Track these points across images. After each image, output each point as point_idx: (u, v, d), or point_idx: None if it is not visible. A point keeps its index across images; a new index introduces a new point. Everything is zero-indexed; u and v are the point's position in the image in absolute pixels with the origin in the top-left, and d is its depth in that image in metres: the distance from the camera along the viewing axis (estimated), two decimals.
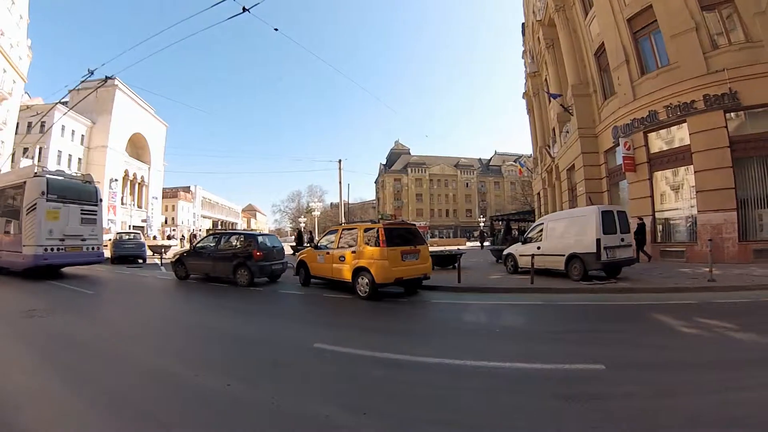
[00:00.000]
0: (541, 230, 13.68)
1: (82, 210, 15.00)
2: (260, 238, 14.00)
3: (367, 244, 10.03)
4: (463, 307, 9.22)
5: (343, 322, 8.12)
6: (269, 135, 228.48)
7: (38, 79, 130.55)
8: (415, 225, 12.16)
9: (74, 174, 18.34)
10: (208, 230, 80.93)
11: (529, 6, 32.47)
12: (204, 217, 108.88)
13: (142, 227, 59.27)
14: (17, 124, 47.13)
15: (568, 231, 12.59)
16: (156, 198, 75.93)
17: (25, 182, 14.23)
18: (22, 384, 4.45)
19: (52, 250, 13.85)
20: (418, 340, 6.48)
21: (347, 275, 10.33)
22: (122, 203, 65.54)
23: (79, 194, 15.18)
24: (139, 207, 72.29)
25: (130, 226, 61.58)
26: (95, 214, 15.66)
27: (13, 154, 45.95)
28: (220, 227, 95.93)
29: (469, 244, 49.94)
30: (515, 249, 14.77)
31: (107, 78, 15.34)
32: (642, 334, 6.35)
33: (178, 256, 15.03)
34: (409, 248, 10.19)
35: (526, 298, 9.94)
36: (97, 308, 9.67)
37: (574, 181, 22.88)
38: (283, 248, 14.82)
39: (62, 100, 55.29)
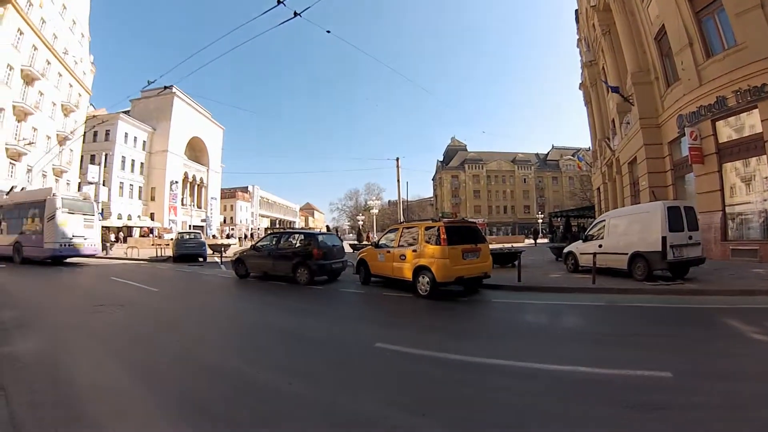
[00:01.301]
0: (603, 227, 13.24)
1: (84, 218, 20.70)
2: (320, 237, 14.16)
3: (428, 242, 10.05)
4: (524, 307, 9.10)
5: (404, 321, 8.14)
6: (326, 134, 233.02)
7: (101, 92, 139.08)
8: (475, 223, 12.04)
9: (77, 195, 24.62)
10: (266, 229, 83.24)
11: None
12: (262, 216, 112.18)
13: (202, 227, 61.81)
14: (84, 133, 50.33)
15: (631, 228, 12.08)
16: (214, 198, 79.04)
17: (45, 199, 19.66)
18: (94, 379, 4.70)
19: (63, 246, 19.51)
20: (479, 341, 6.41)
21: (408, 274, 10.38)
22: (182, 204, 68.58)
23: (81, 208, 20.90)
24: (199, 207, 75.54)
25: (190, 225, 64.46)
26: (93, 221, 21.35)
27: (82, 160, 49.10)
28: (278, 226, 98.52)
29: (527, 241, 48.63)
30: (576, 247, 14.38)
31: (166, 87, 16.34)
32: (711, 341, 6.01)
33: (238, 255, 15.44)
34: (470, 246, 10.16)
35: (587, 298, 9.66)
36: (162, 306, 10.07)
37: (636, 175, 21.77)
38: (342, 247, 14.95)
39: (124, 110, 58.85)
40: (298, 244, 13.90)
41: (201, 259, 23.37)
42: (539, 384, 4.36)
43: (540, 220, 68.27)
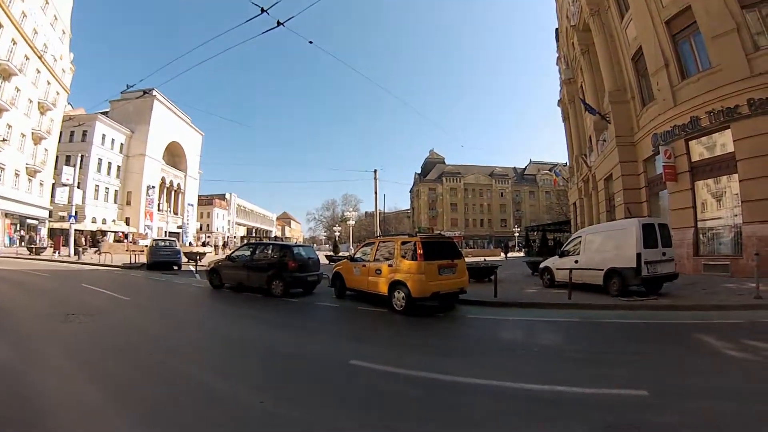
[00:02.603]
0: (579, 243, 13.46)
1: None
2: (295, 249, 13.96)
3: (404, 257, 10.01)
4: (500, 323, 9.14)
5: (380, 337, 8.08)
6: (304, 144, 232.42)
7: (80, 91, 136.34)
8: (452, 238, 12.10)
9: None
10: (242, 237, 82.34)
11: (563, 11, 31.95)
12: (239, 224, 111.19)
13: (178, 233, 60.88)
14: (60, 133, 49.50)
15: (606, 244, 12.33)
16: (191, 205, 78.16)
17: None
18: (59, 390, 4.62)
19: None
20: (456, 359, 6.40)
21: (383, 288, 10.32)
22: (159, 209, 67.53)
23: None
24: (175, 213, 74.50)
25: (166, 232, 63.50)
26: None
27: (57, 161, 48.06)
28: (254, 235, 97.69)
29: (512, 255, 48.73)
30: (552, 262, 14.56)
31: (145, 92, 15.94)
32: (686, 357, 6.13)
33: (213, 265, 15.21)
34: (446, 262, 10.10)
35: (563, 314, 9.75)
36: (134, 316, 9.78)
37: (612, 191, 22.28)
38: (318, 259, 14.75)
39: (103, 111, 57.82)
40: (273, 256, 13.68)
41: (175, 267, 22.82)
42: (517, 404, 4.36)
43: (516, 234, 69.05)
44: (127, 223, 60.58)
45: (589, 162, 26.62)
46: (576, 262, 12.81)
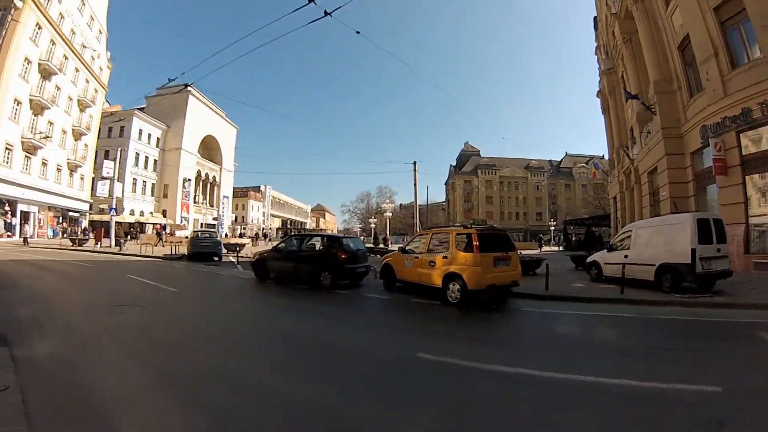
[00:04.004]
0: (629, 237, 13.05)
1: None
2: (344, 240, 13.88)
3: (459, 249, 9.87)
4: (556, 317, 8.92)
5: (440, 330, 7.89)
6: (339, 136, 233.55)
7: (116, 88, 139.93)
8: (505, 231, 11.90)
9: None
10: (277, 229, 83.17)
11: None
12: (273, 216, 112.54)
13: (214, 225, 61.92)
14: (99, 129, 51.03)
15: (659, 239, 11.89)
16: (227, 197, 79.49)
17: None
18: (115, 382, 4.61)
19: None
20: (521, 352, 6.30)
21: (437, 281, 10.19)
22: (195, 202, 68.88)
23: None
24: (211, 206, 75.87)
25: (202, 224, 64.76)
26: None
27: (96, 156, 49.58)
28: (289, 226, 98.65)
29: (545, 249, 47.87)
30: (600, 256, 14.24)
31: (187, 85, 16.05)
32: (754, 356, 5.89)
33: (258, 256, 15.15)
34: (501, 254, 9.98)
35: (617, 309, 9.49)
36: (183, 308, 9.91)
37: (657, 185, 21.49)
38: (366, 251, 14.66)
39: (139, 107, 59.27)
40: (321, 247, 13.68)
41: (216, 259, 22.87)
42: (591, 398, 4.25)
43: (552, 228, 67.79)
44: (164, 215, 61.98)
45: (632, 155, 25.74)
46: (626, 256, 12.41)
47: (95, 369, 5.01)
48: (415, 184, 27.58)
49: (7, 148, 35.48)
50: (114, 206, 32.86)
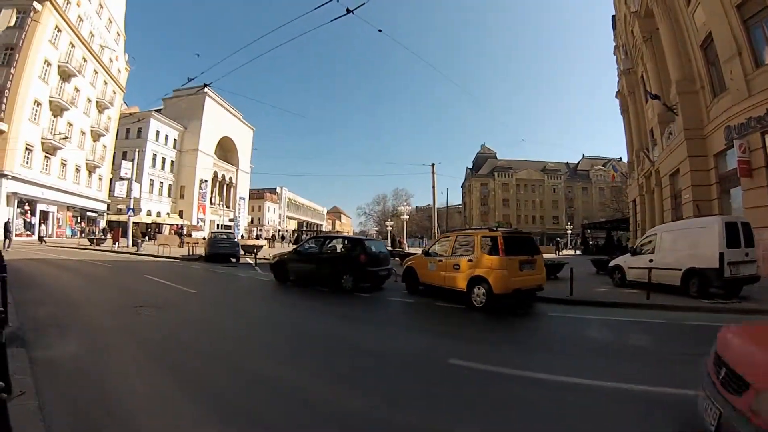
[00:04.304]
0: (653, 241, 12.83)
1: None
2: (367, 243, 13.70)
3: (485, 252, 9.71)
4: (586, 322, 8.76)
5: (469, 335, 7.74)
6: (354, 138, 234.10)
7: (134, 90, 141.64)
8: (530, 234, 11.71)
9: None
10: (293, 231, 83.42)
11: None
12: (289, 218, 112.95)
13: (230, 227, 62.37)
14: (117, 130, 51.72)
15: (685, 243, 11.65)
16: (243, 199, 79.88)
17: None
18: (138, 386, 4.49)
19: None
20: (556, 358, 6.13)
21: (462, 284, 10.03)
22: (211, 203, 69.40)
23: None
24: (227, 207, 76.36)
25: (218, 225, 65.20)
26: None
27: (114, 157, 50.30)
28: (305, 228, 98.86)
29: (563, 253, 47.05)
30: (623, 260, 14.05)
31: (205, 85, 16.01)
32: None
33: (278, 258, 15.00)
34: (526, 258, 9.86)
35: (644, 314, 9.29)
36: (203, 309, 9.77)
37: (678, 188, 21.03)
38: (388, 254, 14.48)
39: (156, 109, 59.96)
40: (343, 249, 13.58)
41: (233, 260, 22.76)
42: (636, 407, 4.17)
43: (569, 231, 67.07)
44: (181, 216, 62.52)
45: (652, 157, 25.25)
46: (650, 261, 12.17)
47: (116, 372, 4.90)
48: (433, 187, 27.33)
49: (27, 149, 36.02)
50: (132, 207, 33.18)
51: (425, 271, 11.56)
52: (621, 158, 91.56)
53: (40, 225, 37.62)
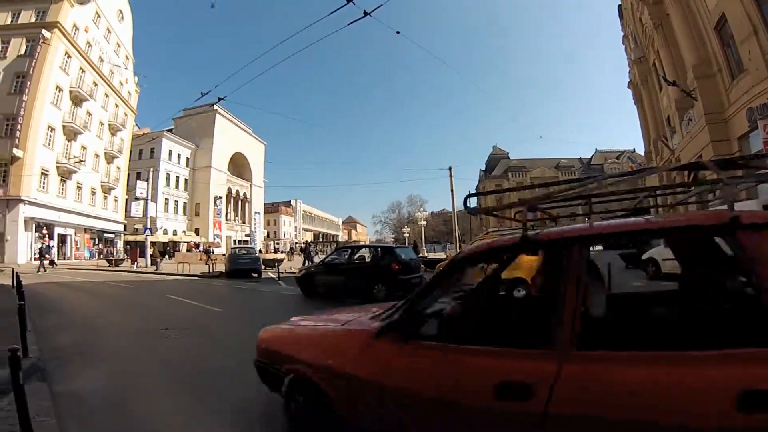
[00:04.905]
0: None
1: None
2: (397, 250, 13.30)
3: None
4: None
5: None
6: (365, 146, 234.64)
7: (144, 112, 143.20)
8: None
9: None
10: (308, 243, 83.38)
11: None
12: (305, 230, 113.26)
13: (246, 241, 62.55)
14: (130, 151, 52.33)
15: None
16: (258, 213, 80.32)
17: None
18: (172, 422, 4.13)
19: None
20: None
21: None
22: (227, 219, 69.81)
23: None
24: (243, 222, 76.66)
25: (235, 241, 65.44)
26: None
27: (128, 178, 50.90)
28: (321, 240, 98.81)
29: None
30: (657, 253, 13.92)
31: (220, 99, 15.94)
32: None
33: (304, 272, 14.67)
34: None
35: None
36: (232, 330, 8.87)
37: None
38: (419, 261, 14.11)
39: (168, 129, 60.57)
40: (373, 259, 13.33)
41: (255, 275, 22.10)
42: None
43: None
44: (197, 234, 62.86)
45: (672, 145, 24.75)
46: None
47: (147, 408, 4.45)
48: (451, 190, 27.07)
49: (43, 174, 36.59)
50: (149, 226, 33.28)
51: None
52: (634, 149, 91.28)
53: (50, 248, 37.62)
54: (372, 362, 2.75)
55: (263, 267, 24.25)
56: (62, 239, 40.15)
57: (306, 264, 24.92)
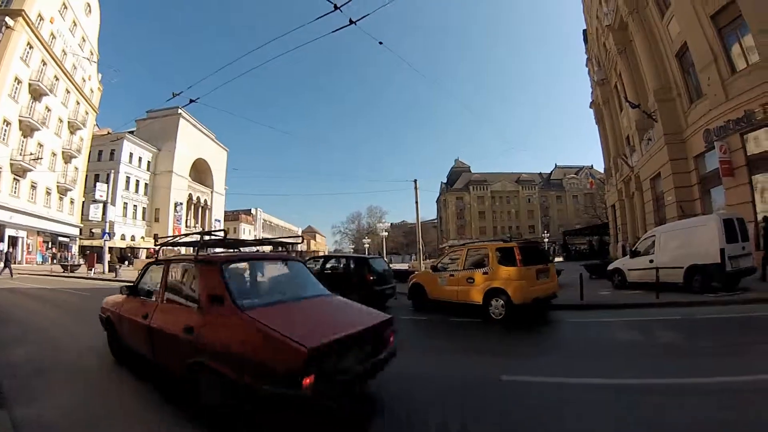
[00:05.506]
0: (653, 242, 13.30)
1: None
2: (372, 261, 13.20)
3: (501, 264, 9.64)
4: (607, 325, 8.86)
5: (501, 348, 7.47)
6: (326, 155, 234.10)
7: (107, 111, 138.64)
8: (540, 242, 11.79)
9: None
10: (270, 252, 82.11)
11: (592, 11, 31.60)
12: (265, 239, 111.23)
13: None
14: (89, 152, 50.59)
15: (685, 241, 12.12)
16: (218, 221, 78.68)
17: None
18: None
19: None
20: (603, 362, 6.03)
21: (477, 297, 9.82)
22: (186, 226, 68.12)
23: None
24: (203, 230, 74.77)
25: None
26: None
27: (86, 180, 48.96)
28: (280, 249, 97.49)
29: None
30: (622, 263, 14.60)
31: (191, 101, 15.50)
32: None
33: None
34: (541, 266, 9.91)
35: (661, 313, 9.51)
36: None
37: (660, 190, 21.74)
38: (392, 271, 14.06)
39: (129, 130, 58.86)
40: (346, 269, 13.14)
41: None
42: (716, 397, 4.21)
43: (546, 240, 68.28)
44: (156, 240, 60.85)
45: (631, 162, 25.95)
46: (651, 261, 12.62)
47: None
48: (416, 203, 27.13)
49: None
50: (107, 230, 32.08)
51: (435, 286, 11.21)
52: (592, 165, 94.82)
53: (8, 251, 35.97)
54: (121, 307, 5.95)
55: None
56: (13, 242, 37.91)
57: None
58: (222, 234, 6.57)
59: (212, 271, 4.56)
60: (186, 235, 8.65)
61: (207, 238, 5.95)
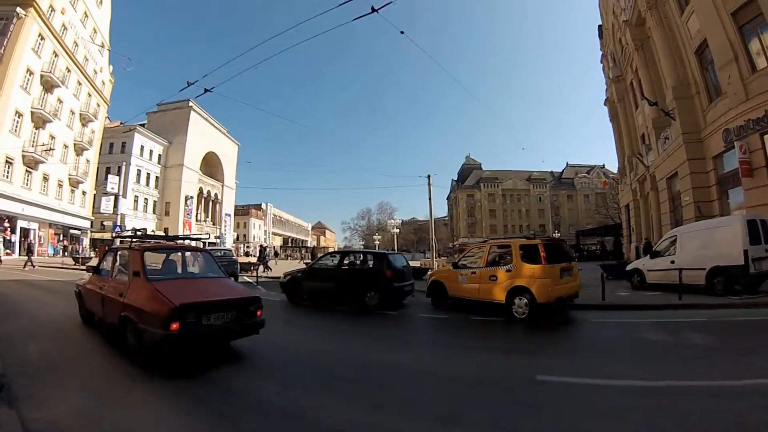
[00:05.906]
0: (674, 243, 13.12)
1: None
2: (391, 257, 12.76)
3: (525, 261, 9.47)
4: (633, 326, 8.70)
5: (531, 348, 7.37)
6: (338, 150, 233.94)
7: (117, 104, 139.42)
8: (564, 241, 11.62)
9: None
10: (279, 247, 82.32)
11: (608, 7, 31.06)
12: (275, 234, 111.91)
13: (215, 243, 61.53)
14: (101, 144, 50.70)
15: (707, 242, 11.94)
16: (229, 215, 78.91)
17: None
18: None
19: None
20: (636, 364, 5.96)
21: (500, 296, 9.68)
22: (197, 220, 68.29)
23: None
24: (213, 224, 75.10)
25: (204, 243, 64.06)
26: None
27: (97, 172, 49.08)
28: (290, 244, 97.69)
29: None
30: (642, 264, 14.36)
31: (206, 90, 15.27)
32: None
33: (290, 277, 13.80)
34: (565, 265, 9.72)
35: (685, 314, 9.41)
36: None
37: (677, 190, 21.35)
38: (411, 268, 13.80)
39: (140, 123, 58.95)
40: (365, 265, 12.93)
41: (232, 279, 21.08)
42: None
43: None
44: (166, 233, 61.19)
45: (647, 162, 25.50)
46: (672, 262, 12.44)
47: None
48: (429, 199, 26.93)
49: (7, 162, 34.67)
50: (119, 223, 32.07)
51: (455, 284, 11.03)
52: (604, 165, 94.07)
53: (11, 242, 36.20)
54: (87, 283, 8.01)
55: (241, 271, 23.30)
56: (25, 233, 38.09)
57: (264, 270, 24.77)
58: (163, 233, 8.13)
59: (136, 255, 6.55)
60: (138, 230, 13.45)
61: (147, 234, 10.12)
